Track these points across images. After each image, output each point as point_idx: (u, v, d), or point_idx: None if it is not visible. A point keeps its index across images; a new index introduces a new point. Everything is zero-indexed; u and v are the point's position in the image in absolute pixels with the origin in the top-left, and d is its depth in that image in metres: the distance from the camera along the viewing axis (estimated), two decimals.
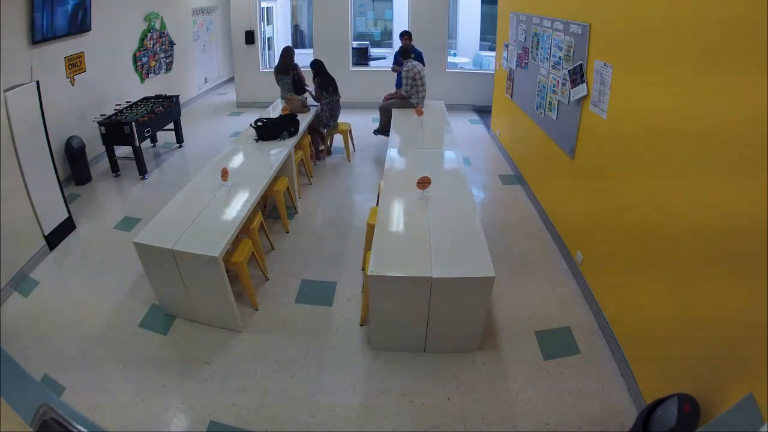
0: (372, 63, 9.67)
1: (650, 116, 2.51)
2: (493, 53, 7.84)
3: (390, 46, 10.80)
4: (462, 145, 4.61)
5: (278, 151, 4.32)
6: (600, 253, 3.18)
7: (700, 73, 2.08)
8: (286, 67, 5.83)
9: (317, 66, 5.61)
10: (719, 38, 1.96)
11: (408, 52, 5.78)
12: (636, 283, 2.61)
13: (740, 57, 1.83)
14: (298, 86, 5.85)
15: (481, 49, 10.47)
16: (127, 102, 5.88)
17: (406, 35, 6.17)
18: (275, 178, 4.01)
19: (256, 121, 4.67)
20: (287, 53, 5.91)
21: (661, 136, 2.39)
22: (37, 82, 3.89)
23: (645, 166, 2.55)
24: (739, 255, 1.80)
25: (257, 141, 4.54)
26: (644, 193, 2.55)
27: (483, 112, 7.80)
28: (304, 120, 5.24)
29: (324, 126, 5.69)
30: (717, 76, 1.97)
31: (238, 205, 3.26)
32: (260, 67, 8.26)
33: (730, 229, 1.87)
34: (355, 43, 8.84)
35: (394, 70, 6.38)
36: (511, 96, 5.64)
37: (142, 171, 5.35)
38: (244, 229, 3.27)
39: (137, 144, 5.15)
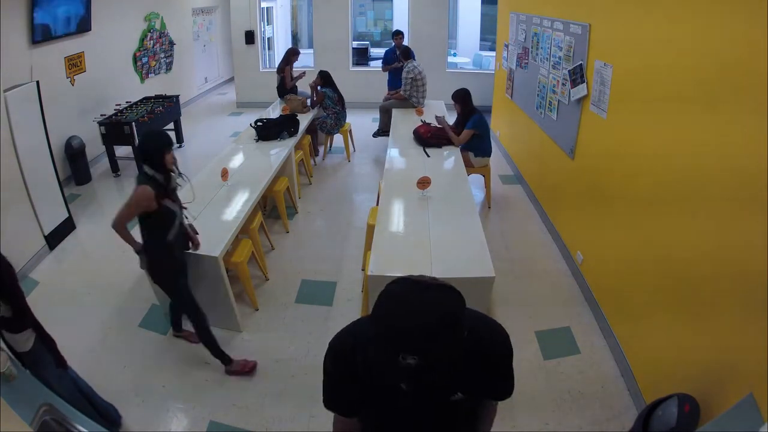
0: (372, 63, 9.67)
1: (650, 116, 2.51)
2: (493, 53, 7.85)
3: (390, 46, 10.79)
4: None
5: (278, 151, 4.32)
6: (600, 253, 3.18)
7: (701, 72, 2.08)
8: (279, 67, 5.88)
9: (324, 77, 5.63)
10: (720, 35, 1.96)
11: (409, 53, 5.78)
12: (636, 283, 2.61)
13: (741, 55, 1.83)
14: (281, 88, 5.89)
15: (481, 49, 10.48)
16: (127, 102, 5.88)
17: (399, 34, 6.20)
18: (275, 178, 4.01)
19: (256, 121, 4.67)
20: (284, 54, 5.94)
21: (661, 136, 2.39)
22: (37, 82, 3.89)
23: (645, 165, 2.55)
24: (740, 256, 1.80)
25: (257, 141, 4.54)
26: (644, 193, 2.55)
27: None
28: (304, 120, 5.24)
29: (328, 132, 5.72)
30: (717, 76, 1.97)
31: (238, 205, 3.26)
32: (260, 67, 8.26)
33: (730, 229, 1.87)
34: (355, 43, 8.84)
35: (384, 69, 6.40)
36: (511, 96, 5.64)
37: None
38: (244, 229, 3.27)
39: (137, 144, 5.15)
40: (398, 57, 6.20)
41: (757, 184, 1.69)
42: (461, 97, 4.59)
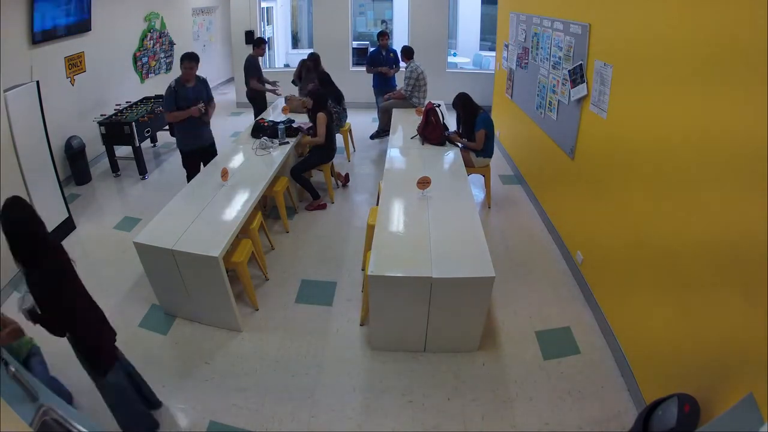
0: None
1: (650, 116, 2.51)
2: (493, 53, 7.85)
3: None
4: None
5: (278, 151, 4.32)
6: (600, 253, 3.17)
7: (701, 72, 2.08)
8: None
9: (315, 60, 5.50)
10: (720, 37, 1.96)
11: (410, 53, 5.79)
12: (636, 283, 2.61)
13: (741, 55, 1.83)
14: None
15: (481, 49, 10.47)
16: (127, 102, 5.88)
17: (384, 35, 6.17)
18: (275, 178, 4.01)
19: (256, 122, 4.67)
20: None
21: (660, 136, 2.39)
22: (37, 82, 3.90)
23: (645, 166, 2.55)
24: (739, 256, 1.80)
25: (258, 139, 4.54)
26: (644, 193, 2.55)
27: None
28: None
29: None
30: (718, 76, 1.97)
31: (238, 205, 3.26)
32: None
33: (729, 229, 1.87)
34: (355, 43, 8.84)
35: (369, 71, 6.29)
36: (511, 96, 5.64)
37: (142, 171, 5.35)
38: (244, 229, 3.27)
39: (137, 144, 5.16)
40: (384, 58, 6.19)
41: (758, 182, 1.69)
42: (462, 103, 4.50)
